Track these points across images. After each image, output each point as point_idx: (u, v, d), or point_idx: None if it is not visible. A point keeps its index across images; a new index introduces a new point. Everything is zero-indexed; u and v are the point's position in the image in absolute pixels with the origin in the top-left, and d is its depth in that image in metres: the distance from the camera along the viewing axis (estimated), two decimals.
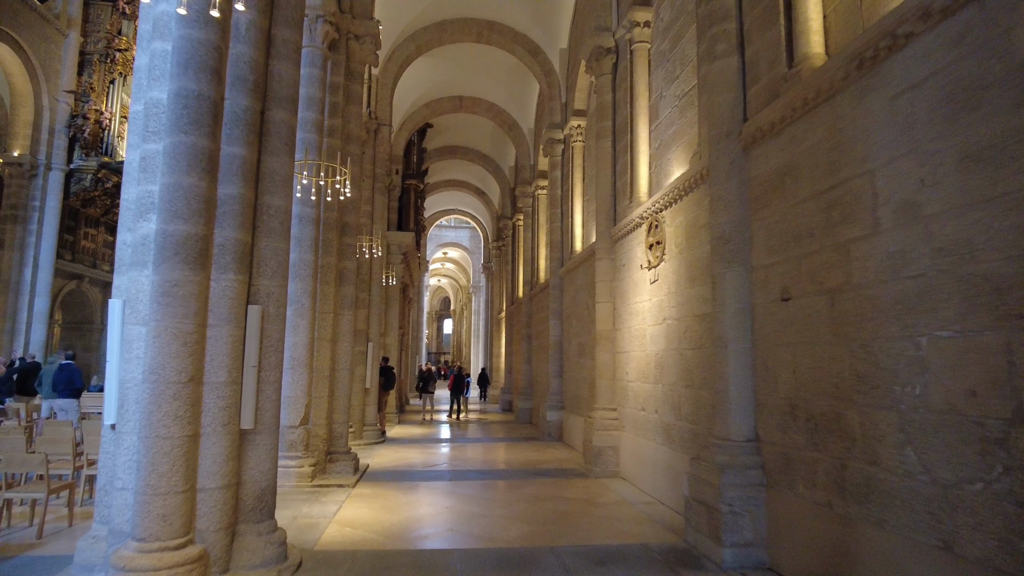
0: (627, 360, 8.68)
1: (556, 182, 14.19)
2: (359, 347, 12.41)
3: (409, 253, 18.63)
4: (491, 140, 21.76)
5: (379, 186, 13.79)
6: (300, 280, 8.22)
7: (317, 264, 8.51)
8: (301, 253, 8.27)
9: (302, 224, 8.33)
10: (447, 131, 21.43)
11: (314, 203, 8.37)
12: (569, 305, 12.76)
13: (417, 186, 19.05)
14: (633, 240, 8.60)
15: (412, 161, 19.09)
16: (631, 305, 8.60)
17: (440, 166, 24.24)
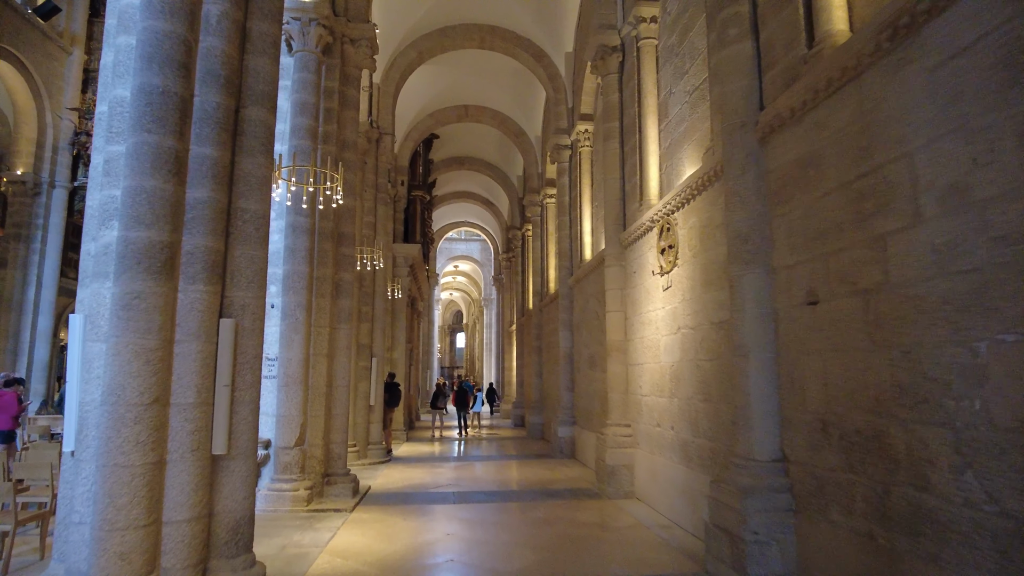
0: (640, 372, 8.29)
1: (564, 189, 13.85)
2: (362, 362, 12.14)
3: (416, 265, 18.44)
4: (498, 149, 21.56)
5: (382, 196, 13.51)
6: (294, 293, 7.90)
7: (312, 276, 8.19)
8: (295, 264, 7.96)
9: (295, 234, 8.03)
10: (453, 141, 21.22)
11: (307, 212, 8.06)
12: (579, 315, 12.45)
13: (423, 197, 18.82)
14: (644, 245, 8.25)
15: (418, 172, 18.89)
16: (643, 314, 8.22)
17: (447, 177, 24.09)
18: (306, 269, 8.02)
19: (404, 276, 16.87)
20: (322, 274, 8.35)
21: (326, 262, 8.40)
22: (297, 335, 7.85)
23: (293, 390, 7.76)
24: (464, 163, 22.81)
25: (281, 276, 8.06)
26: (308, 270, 8.06)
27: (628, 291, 8.90)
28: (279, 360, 7.83)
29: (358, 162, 12.46)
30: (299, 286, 7.93)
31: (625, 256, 9.03)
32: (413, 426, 20.79)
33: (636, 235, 8.47)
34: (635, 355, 8.51)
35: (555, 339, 14.41)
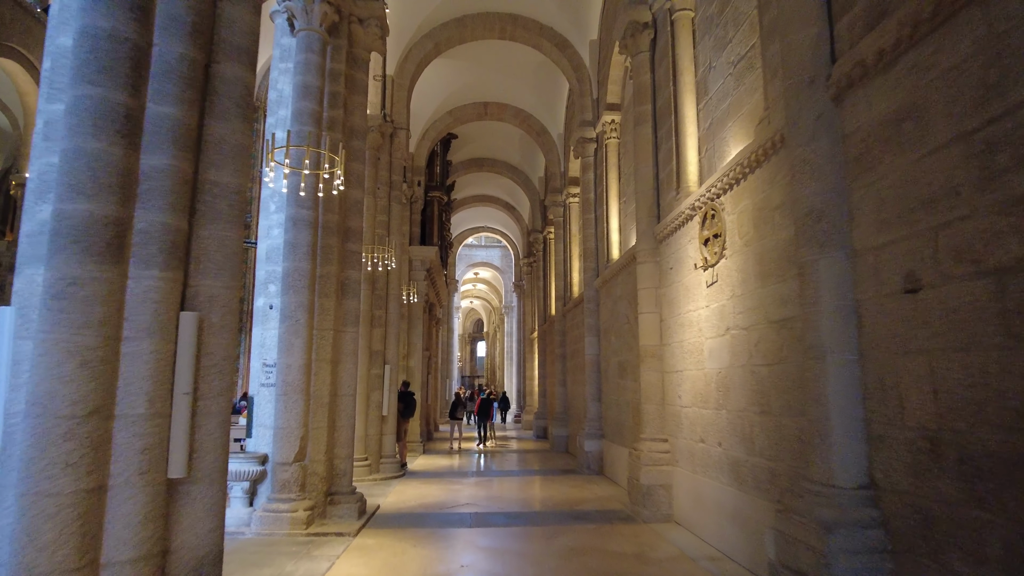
0: (679, 381, 7.53)
1: (589, 185, 13.16)
2: (375, 370, 11.53)
3: (434, 269, 17.91)
4: (519, 150, 21.03)
5: (396, 194, 12.88)
6: (294, 292, 7.22)
7: (315, 274, 7.52)
8: (295, 261, 7.29)
9: (297, 228, 7.37)
10: (472, 142, 20.68)
11: (310, 204, 7.39)
12: (607, 319, 11.76)
13: (441, 199, 18.35)
14: (683, 237, 7.48)
15: (435, 173, 18.40)
16: (682, 315, 7.45)
17: (467, 180, 23.62)
18: (308, 266, 7.36)
19: (421, 280, 16.36)
20: (326, 272, 7.68)
21: (331, 259, 7.72)
22: (298, 339, 7.17)
23: (293, 399, 7.06)
24: (484, 165, 22.30)
25: (281, 274, 7.40)
26: (311, 267, 7.39)
27: (664, 290, 8.18)
28: (278, 366, 7.15)
29: (371, 157, 11.89)
30: (300, 285, 7.26)
31: (660, 251, 8.33)
32: (431, 437, 20.19)
33: (673, 227, 7.76)
34: (673, 361, 7.79)
35: (580, 346, 13.87)
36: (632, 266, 9.47)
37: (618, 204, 11.89)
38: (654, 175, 8.55)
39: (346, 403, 7.83)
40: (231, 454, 7.17)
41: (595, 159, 13.06)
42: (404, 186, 14.86)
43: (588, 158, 13.13)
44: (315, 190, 7.05)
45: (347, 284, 8.15)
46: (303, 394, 7.15)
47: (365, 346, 11.17)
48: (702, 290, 6.85)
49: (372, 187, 11.77)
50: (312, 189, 7.05)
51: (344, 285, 8.10)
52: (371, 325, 11.46)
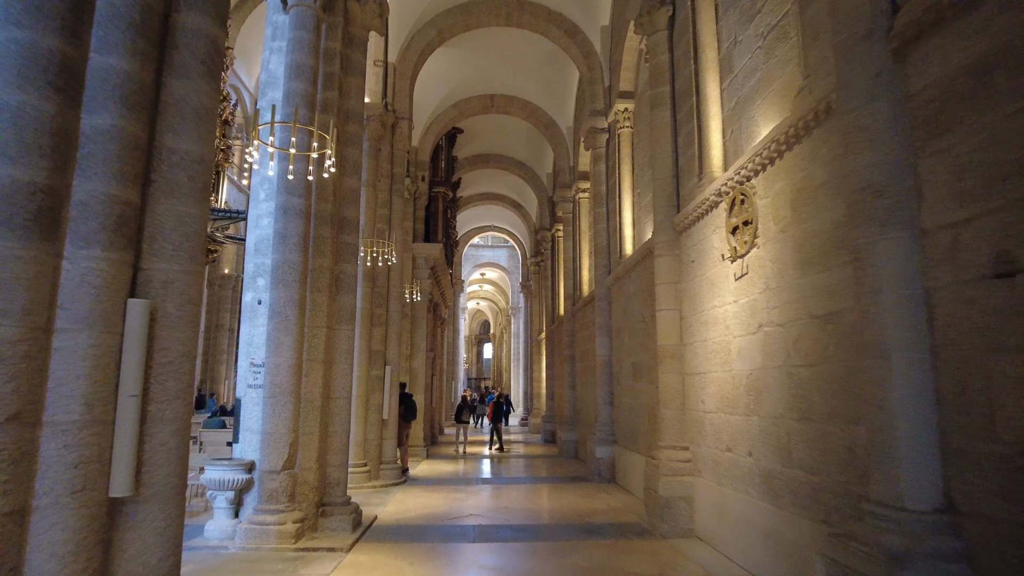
0: (702, 384, 7.10)
1: (600, 178, 12.70)
2: (375, 371, 11.13)
3: (438, 268, 17.51)
4: (526, 144, 20.59)
5: (398, 188, 12.40)
6: (284, 287, 6.73)
7: (307, 267, 7.02)
8: (285, 253, 6.80)
9: (287, 217, 6.88)
10: (478, 136, 20.24)
11: (302, 192, 6.89)
12: (619, 318, 11.38)
13: (446, 195, 17.89)
14: (706, 227, 7.04)
15: (440, 168, 17.96)
16: (706, 312, 7.01)
17: (472, 177, 23.23)
18: (299, 259, 6.87)
19: (424, 278, 15.95)
20: (319, 265, 7.20)
21: (324, 251, 7.24)
22: (287, 337, 6.68)
23: (281, 402, 6.55)
24: (490, 160, 21.89)
25: (269, 267, 6.90)
26: (302, 260, 6.90)
27: (684, 285, 7.74)
28: (266, 366, 6.64)
29: (371, 148, 11.40)
30: (290, 279, 6.77)
31: (680, 243, 7.89)
32: (435, 441, 19.81)
33: (695, 216, 7.32)
34: (695, 362, 7.36)
35: (590, 347, 13.51)
36: (648, 261, 9.10)
37: (631, 196, 11.46)
38: (673, 161, 8.09)
39: (340, 406, 7.33)
40: (215, 461, 6.67)
41: (607, 150, 12.63)
42: (407, 180, 14.43)
43: (599, 149, 12.69)
44: (305, 175, 6.53)
45: (342, 278, 7.66)
46: (293, 396, 6.65)
47: (364, 346, 10.72)
48: (729, 284, 6.40)
49: (372, 179, 11.30)
50: (302, 174, 6.53)
51: (339, 279, 7.61)
52: (371, 324, 11.01)
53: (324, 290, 7.20)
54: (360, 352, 10.48)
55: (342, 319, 7.53)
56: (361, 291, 10.61)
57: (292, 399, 6.62)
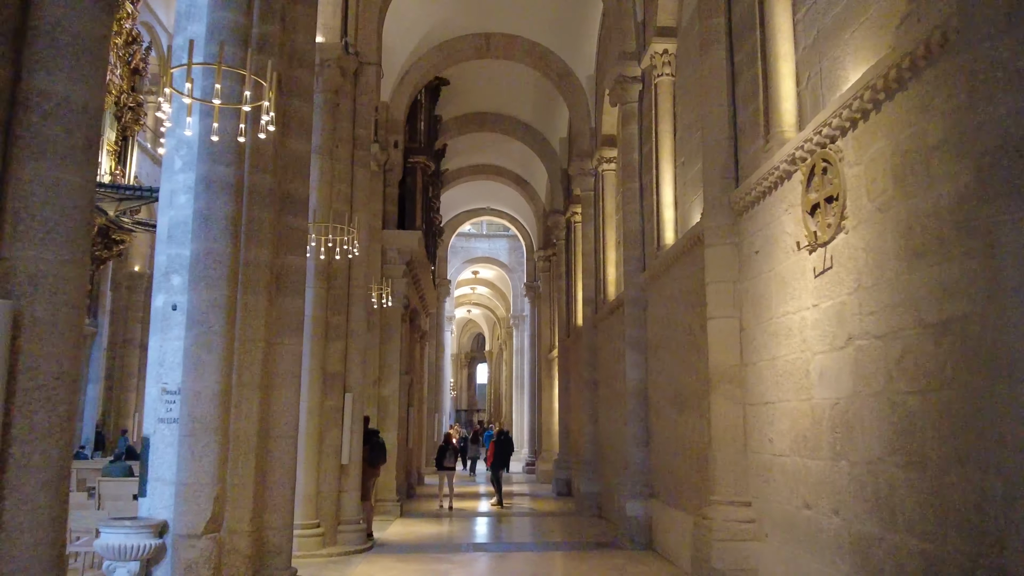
0: (770, 416, 7.09)
1: (631, 142, 12.68)
2: (330, 400, 11.13)
3: (417, 263, 17.63)
4: (534, 100, 20.64)
5: (362, 156, 12.34)
6: (207, 286, 6.60)
7: (238, 260, 6.90)
8: (209, 241, 6.68)
9: (212, 193, 6.76)
10: (470, 90, 20.25)
11: (232, 159, 6.78)
12: (657, 329, 11.42)
13: (426, 166, 17.93)
14: (775, 205, 7.03)
15: (419, 131, 18.02)
16: (775, 320, 7.01)
17: (462, 144, 23.23)
18: (228, 248, 6.74)
19: (398, 277, 16.00)
20: (255, 257, 7.07)
21: (261, 238, 7.12)
22: (211, 354, 6.54)
23: (203, 442, 6.40)
24: (485, 122, 21.95)
25: (188, 260, 6.76)
26: (231, 250, 6.77)
27: (745, 284, 7.74)
28: (182, 394, 6.49)
29: (327, 103, 11.35)
30: (216, 275, 6.63)
31: (739, 228, 7.91)
32: (413, 493, 19.82)
33: (760, 191, 7.30)
34: (759, 388, 7.36)
35: (618, 367, 13.68)
36: (696, 252, 9.08)
37: (673, 167, 11.42)
38: (729, 119, 8.11)
39: (283, 448, 7.26)
40: (114, 522, 6.52)
41: (640, 106, 12.61)
42: (375, 147, 14.45)
43: (630, 105, 12.67)
44: (235, 137, 6.37)
45: (286, 275, 7.59)
46: (219, 434, 6.48)
47: (316, 366, 10.66)
48: (807, 281, 6.37)
49: (328, 144, 11.23)
50: (231, 135, 6.38)
51: (282, 276, 7.54)
52: (325, 337, 10.94)
53: (262, 291, 7.04)
54: (311, 375, 10.37)
55: (286, 330, 7.44)
56: (313, 293, 10.52)
57: (218, 438, 6.43)
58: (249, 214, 7.00)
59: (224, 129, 6.42)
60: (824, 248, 5.96)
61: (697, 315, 9.06)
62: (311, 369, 10.43)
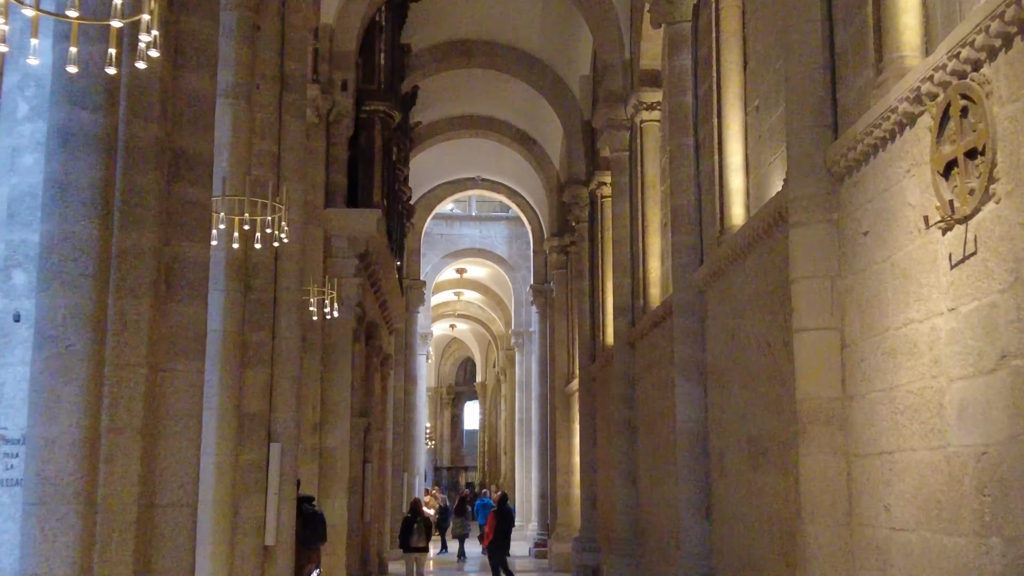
0: (885, 472, 7.09)
1: (682, 79, 12.96)
2: (248, 454, 11.10)
3: (376, 257, 17.89)
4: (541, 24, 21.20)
5: (294, 100, 12.46)
6: (63, 287, 6.66)
7: (110, 249, 6.94)
8: (64, 221, 6.74)
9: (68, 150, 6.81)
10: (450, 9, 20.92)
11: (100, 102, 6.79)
12: (721, 348, 11.66)
13: (388, 116, 18.24)
14: (891, 164, 7.02)
15: (378, 67, 18.20)
16: (891, 331, 6.99)
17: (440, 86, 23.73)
18: (95, 232, 6.71)
19: (349, 275, 16.13)
20: (135, 244, 7.04)
21: (144, 218, 7.10)
22: (70, 385, 6.51)
23: (58, 514, 6.38)
24: (473, 53, 22.41)
25: (37, 247, 6.77)
26: (100, 234, 6.74)
27: (848, 280, 7.78)
28: (28, 443, 6.54)
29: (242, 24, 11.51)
30: (77, 270, 6.61)
31: (839, 199, 7.97)
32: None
33: (867, 145, 7.32)
34: (869, 431, 7.38)
35: (664, 404, 13.96)
36: (777, 235, 9.25)
37: (743, 114, 11.59)
38: (824, 39, 8.24)
39: (176, 521, 7.28)
40: None
41: (695, 26, 12.89)
42: (314, 90, 14.70)
43: (681, 24, 12.93)
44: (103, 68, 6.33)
45: (181, 271, 7.60)
46: (81, 503, 6.43)
47: (229, 404, 10.64)
48: (939, 274, 6.36)
49: (244, 82, 11.28)
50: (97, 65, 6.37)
51: (174, 273, 7.56)
52: (241, 360, 10.94)
53: (145, 293, 7.03)
54: (220, 416, 10.40)
55: (180, 351, 7.45)
56: (223, 298, 10.58)
57: (79, 508, 6.39)
58: (126, 181, 7.01)
59: (87, 57, 6.42)
60: (964, 225, 5.93)
61: (779, 327, 9.12)
62: (221, 408, 10.49)
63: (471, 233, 38.60)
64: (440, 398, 58.31)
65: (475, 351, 55.65)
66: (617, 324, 17.66)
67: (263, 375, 11.33)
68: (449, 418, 59.72)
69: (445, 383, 59.50)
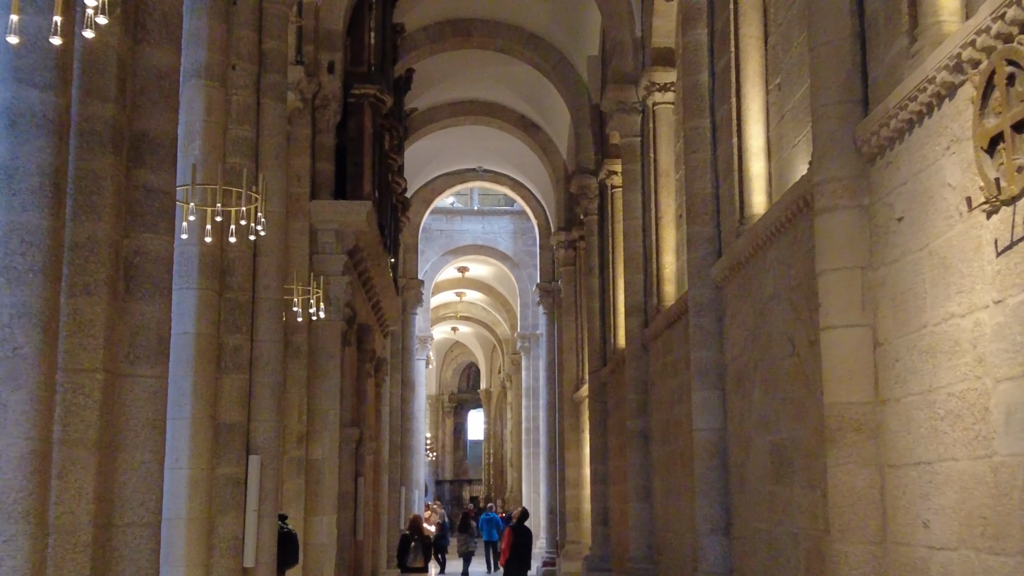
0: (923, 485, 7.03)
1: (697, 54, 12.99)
2: (225, 467, 11.08)
3: (367, 253, 17.85)
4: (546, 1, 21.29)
5: (274, 80, 12.40)
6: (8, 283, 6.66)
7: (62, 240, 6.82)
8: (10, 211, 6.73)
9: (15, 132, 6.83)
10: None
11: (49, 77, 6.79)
12: (741, 349, 11.72)
13: (379, 101, 18.06)
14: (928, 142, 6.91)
15: (368, 48, 18.05)
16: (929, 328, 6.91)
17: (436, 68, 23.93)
18: (45, 222, 6.63)
19: (336, 274, 16.07)
20: (90, 236, 6.99)
21: (100, 206, 7.04)
22: (17, 392, 6.41)
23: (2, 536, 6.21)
24: (472, 33, 22.62)
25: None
26: (50, 224, 6.65)
27: (881, 272, 7.71)
28: None
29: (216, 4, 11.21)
30: (24, 265, 6.52)
31: (870, 182, 7.91)
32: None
33: (901, 121, 7.19)
34: (906, 439, 7.31)
35: (679, 411, 14.22)
36: (802, 224, 9.28)
37: (764, 92, 11.61)
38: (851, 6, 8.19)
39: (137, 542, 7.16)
40: None
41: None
42: (298, 72, 14.61)
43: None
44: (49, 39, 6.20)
45: (142, 266, 7.50)
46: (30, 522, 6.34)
47: (203, 412, 10.58)
48: (983, 263, 6.26)
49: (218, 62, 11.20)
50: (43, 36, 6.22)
51: (135, 268, 7.46)
52: (217, 366, 10.89)
53: (100, 289, 6.99)
54: (194, 426, 10.39)
55: (142, 354, 7.38)
56: (196, 297, 10.55)
57: (28, 528, 6.32)
58: (80, 167, 6.98)
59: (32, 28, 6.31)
60: (1012, 207, 5.81)
61: (804, 325, 9.18)
62: (195, 417, 10.47)
63: (473, 228, 38.82)
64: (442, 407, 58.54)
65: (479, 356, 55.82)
66: (629, 325, 17.77)
67: (241, 381, 11.28)
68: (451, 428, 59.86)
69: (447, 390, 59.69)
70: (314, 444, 15.21)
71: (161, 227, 7.56)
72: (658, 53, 15.93)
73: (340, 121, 16.97)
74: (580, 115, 22.48)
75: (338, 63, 16.46)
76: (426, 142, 27.13)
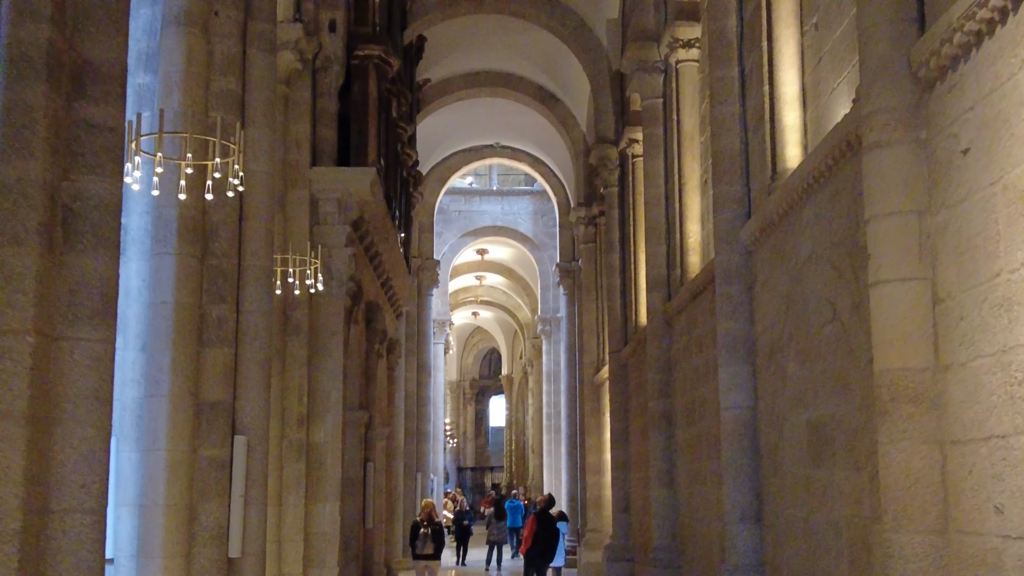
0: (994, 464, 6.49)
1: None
2: (208, 449, 10.72)
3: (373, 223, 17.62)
4: None
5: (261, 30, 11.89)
6: None
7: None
8: None
9: None
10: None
11: None
12: (774, 319, 11.53)
13: (385, 63, 17.77)
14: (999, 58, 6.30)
15: (372, 6, 17.87)
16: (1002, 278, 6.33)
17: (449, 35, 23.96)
18: None
19: (339, 246, 15.79)
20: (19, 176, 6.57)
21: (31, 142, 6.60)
22: None
23: None
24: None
25: None
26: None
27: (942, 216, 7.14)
28: None
29: None
30: None
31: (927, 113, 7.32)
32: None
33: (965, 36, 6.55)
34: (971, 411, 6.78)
35: (705, 390, 14.24)
36: (846, 171, 8.86)
37: (798, 33, 11.21)
38: None
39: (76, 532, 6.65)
40: None
41: None
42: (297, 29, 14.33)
43: None
44: None
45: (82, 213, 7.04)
46: None
47: (183, 389, 10.24)
48: None
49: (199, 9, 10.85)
50: None
51: (73, 215, 7.00)
52: (198, 339, 10.57)
53: (30, 240, 6.54)
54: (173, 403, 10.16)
55: (81, 313, 6.91)
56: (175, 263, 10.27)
57: None
58: (9, 97, 6.57)
59: None
60: None
61: (847, 286, 8.84)
62: (174, 395, 10.23)
63: (492, 209, 38.97)
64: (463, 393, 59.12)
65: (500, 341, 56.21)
66: (651, 300, 17.70)
67: (225, 356, 10.93)
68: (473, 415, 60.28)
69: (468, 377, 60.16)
70: (315, 427, 15.07)
71: (107, 169, 7.02)
72: (681, 7, 15.93)
73: (344, 85, 16.72)
74: (600, 83, 22.54)
75: (340, 21, 16.19)
76: (440, 117, 27.28)
